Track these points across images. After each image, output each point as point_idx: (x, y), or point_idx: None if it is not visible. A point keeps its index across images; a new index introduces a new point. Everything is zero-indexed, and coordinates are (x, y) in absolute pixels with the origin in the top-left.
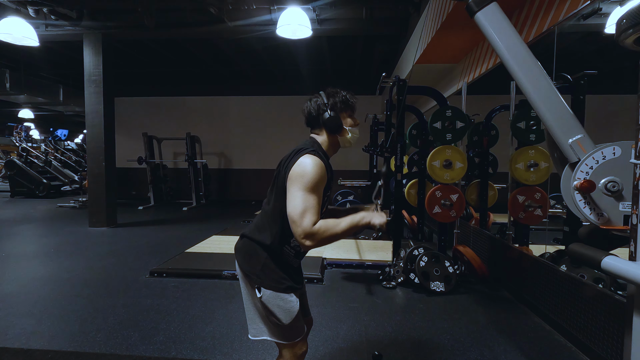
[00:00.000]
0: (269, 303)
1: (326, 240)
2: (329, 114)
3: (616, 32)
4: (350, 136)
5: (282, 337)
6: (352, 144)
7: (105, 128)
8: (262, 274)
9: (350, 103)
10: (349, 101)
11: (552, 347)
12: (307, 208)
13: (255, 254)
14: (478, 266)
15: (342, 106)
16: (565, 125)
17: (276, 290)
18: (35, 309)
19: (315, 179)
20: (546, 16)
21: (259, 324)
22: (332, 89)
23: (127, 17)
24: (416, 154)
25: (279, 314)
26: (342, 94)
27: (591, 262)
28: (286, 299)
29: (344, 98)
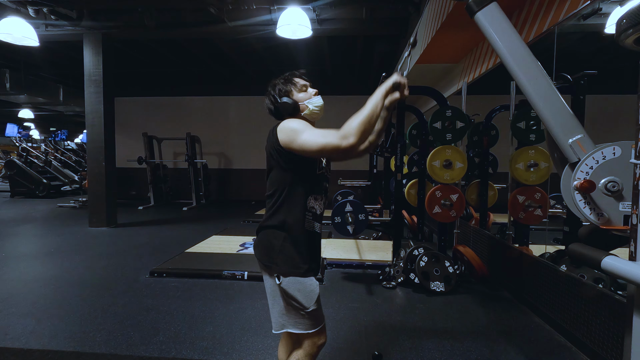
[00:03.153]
0: (289, 289)
1: (362, 128)
2: (280, 101)
3: (616, 32)
4: (311, 108)
5: (304, 325)
6: (320, 112)
7: (105, 128)
8: (279, 261)
9: (291, 80)
10: (289, 79)
11: (552, 347)
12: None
13: (271, 242)
14: (478, 266)
15: (285, 88)
16: (565, 125)
17: (295, 275)
18: (35, 309)
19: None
20: (546, 16)
21: (282, 316)
22: (273, 80)
23: (127, 17)
24: (416, 154)
25: (301, 299)
26: (281, 77)
27: (591, 262)
28: (305, 283)
29: (283, 80)
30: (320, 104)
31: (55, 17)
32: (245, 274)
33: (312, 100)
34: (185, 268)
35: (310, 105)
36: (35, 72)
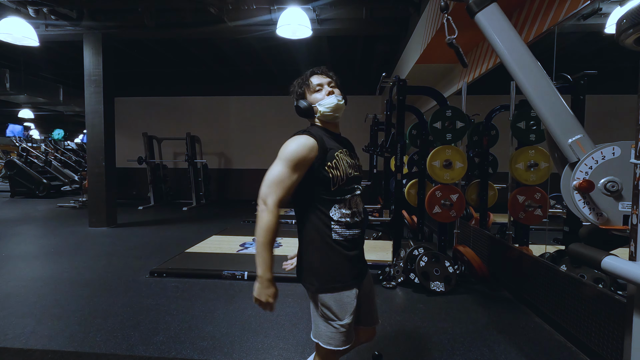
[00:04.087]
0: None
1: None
2: (296, 105)
3: (616, 32)
4: (321, 110)
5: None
6: (334, 112)
7: (105, 128)
8: (314, 280)
9: (306, 80)
10: (305, 79)
11: (552, 347)
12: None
13: (304, 259)
14: (478, 266)
15: (301, 90)
16: (565, 125)
17: (331, 292)
18: (35, 309)
19: (290, 152)
20: (546, 16)
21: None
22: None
23: (127, 17)
24: (416, 154)
25: (336, 309)
26: (300, 77)
27: (591, 262)
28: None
29: (300, 81)
30: (331, 105)
31: (55, 17)
32: (245, 274)
33: (323, 102)
34: (185, 268)
35: (320, 107)
36: (35, 72)
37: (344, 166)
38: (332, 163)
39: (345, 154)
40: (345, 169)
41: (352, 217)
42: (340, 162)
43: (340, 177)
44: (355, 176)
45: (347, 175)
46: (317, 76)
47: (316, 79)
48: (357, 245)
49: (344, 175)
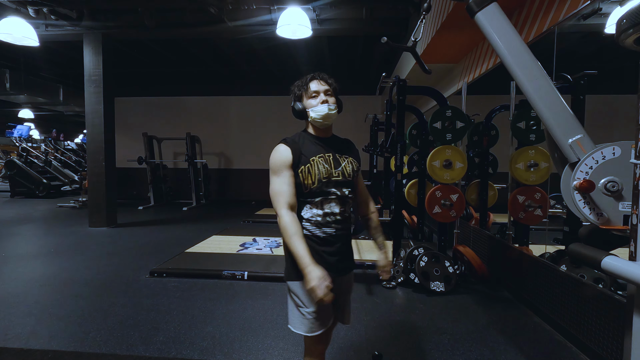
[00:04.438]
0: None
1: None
2: (293, 106)
3: (616, 32)
4: (313, 115)
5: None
6: (323, 120)
7: (105, 128)
8: (285, 268)
9: (305, 84)
10: (304, 83)
11: (552, 347)
12: (275, 193)
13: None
14: (478, 266)
15: (299, 93)
16: (565, 125)
17: (298, 280)
18: (35, 309)
19: (274, 164)
20: (546, 16)
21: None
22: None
23: (127, 17)
24: (416, 154)
25: (302, 297)
26: (300, 80)
27: (591, 262)
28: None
29: (300, 83)
30: (321, 113)
31: (55, 17)
32: (245, 274)
33: (314, 108)
34: (185, 268)
35: (312, 113)
36: (35, 72)
37: (316, 171)
38: (305, 168)
39: (327, 159)
40: (319, 174)
41: (324, 217)
42: (314, 168)
43: (311, 182)
44: (333, 180)
45: (319, 180)
46: (316, 82)
47: (314, 85)
48: (328, 243)
49: (315, 180)
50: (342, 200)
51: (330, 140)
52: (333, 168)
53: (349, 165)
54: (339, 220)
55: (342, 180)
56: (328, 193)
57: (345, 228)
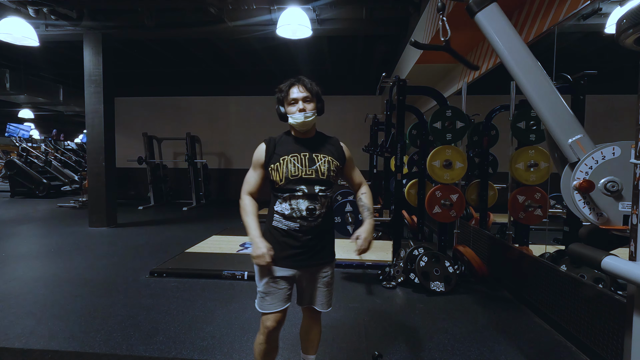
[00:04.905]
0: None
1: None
2: (277, 108)
3: (616, 32)
4: (291, 121)
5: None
6: (299, 127)
7: (105, 128)
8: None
9: (288, 90)
10: (286, 88)
11: (552, 347)
12: (245, 181)
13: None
14: (478, 266)
15: (280, 96)
16: (565, 125)
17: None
18: (35, 309)
19: (254, 157)
20: (546, 16)
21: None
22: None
23: (127, 17)
24: (416, 154)
25: (256, 274)
26: (283, 84)
27: (591, 262)
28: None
29: (280, 89)
30: (298, 121)
31: (55, 17)
32: (245, 274)
33: (292, 115)
34: (185, 268)
35: (290, 119)
36: (35, 72)
37: (284, 170)
38: (274, 166)
39: (301, 158)
40: (286, 172)
41: (291, 212)
42: (282, 166)
43: (279, 179)
44: (304, 178)
45: (286, 178)
46: (295, 88)
47: (294, 92)
48: (291, 236)
49: (283, 178)
50: (312, 198)
51: (309, 140)
52: (306, 167)
53: (325, 165)
54: (304, 217)
55: (314, 179)
56: (295, 190)
57: (314, 224)
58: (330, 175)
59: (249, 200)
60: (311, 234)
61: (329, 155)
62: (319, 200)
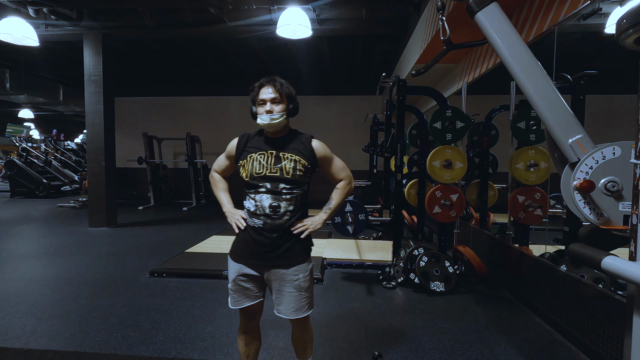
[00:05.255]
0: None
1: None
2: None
3: (616, 32)
4: (259, 121)
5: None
6: (266, 128)
7: (105, 128)
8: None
9: (257, 91)
10: (256, 89)
11: (552, 347)
12: (215, 161)
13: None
14: (478, 266)
15: (252, 95)
16: (565, 125)
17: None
18: (35, 309)
19: (226, 149)
20: (546, 16)
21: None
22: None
23: (127, 17)
24: (416, 154)
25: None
26: (255, 84)
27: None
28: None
29: (252, 88)
30: (264, 122)
31: (55, 17)
32: None
33: (260, 117)
34: (185, 268)
35: (258, 119)
36: (35, 72)
37: (249, 167)
38: (242, 162)
39: (267, 156)
40: (252, 169)
41: (255, 209)
42: (249, 163)
43: (245, 175)
44: (269, 176)
45: (251, 175)
46: (265, 90)
47: (263, 93)
48: (257, 233)
49: (249, 174)
50: (275, 195)
51: (279, 139)
52: (271, 165)
53: (290, 164)
54: (267, 214)
55: (279, 177)
56: (259, 187)
57: (278, 222)
58: (296, 174)
59: (218, 176)
60: (276, 232)
61: (296, 154)
62: (283, 198)
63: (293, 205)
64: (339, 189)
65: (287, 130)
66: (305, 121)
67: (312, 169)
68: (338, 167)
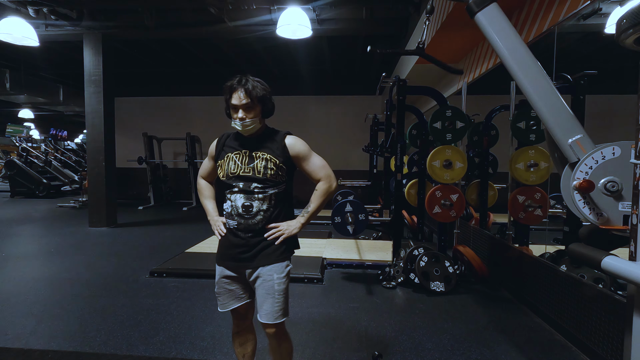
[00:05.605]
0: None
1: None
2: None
3: (616, 32)
4: (233, 125)
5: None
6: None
7: (105, 128)
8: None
9: (230, 94)
10: (229, 92)
11: (552, 347)
12: (200, 167)
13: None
14: (478, 266)
15: (225, 97)
16: (565, 125)
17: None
18: (35, 309)
19: (208, 151)
20: (546, 16)
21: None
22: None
23: (127, 17)
24: (416, 154)
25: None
26: (227, 84)
27: (591, 262)
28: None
29: (224, 89)
30: (237, 128)
31: (55, 17)
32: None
33: (233, 121)
34: (185, 268)
35: (232, 123)
36: (35, 72)
37: (226, 167)
38: (220, 162)
39: (242, 155)
40: (227, 169)
41: (231, 209)
42: (225, 163)
43: (222, 175)
44: (242, 176)
45: (227, 175)
46: (236, 95)
47: (234, 99)
48: (233, 234)
49: (225, 174)
50: (248, 194)
51: (253, 139)
52: (245, 165)
53: (262, 163)
54: (240, 214)
55: (251, 176)
56: (234, 187)
57: (251, 222)
58: (269, 173)
59: (205, 183)
60: (250, 232)
61: (269, 153)
62: (255, 197)
63: (267, 205)
64: (317, 191)
65: (263, 129)
66: (305, 121)
67: (287, 168)
68: (316, 165)
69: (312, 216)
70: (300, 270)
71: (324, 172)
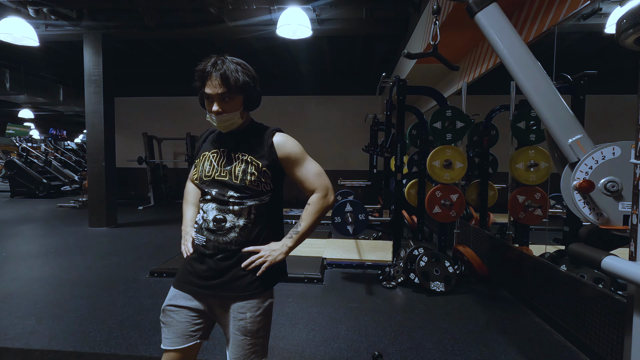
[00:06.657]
0: None
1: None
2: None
3: (616, 32)
4: (207, 118)
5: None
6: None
7: (105, 128)
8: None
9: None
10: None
11: (552, 347)
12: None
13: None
14: (478, 266)
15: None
16: (565, 125)
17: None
18: (35, 309)
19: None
20: (546, 16)
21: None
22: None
23: (127, 17)
24: (416, 154)
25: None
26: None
27: (591, 262)
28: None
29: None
30: (213, 123)
31: (55, 17)
32: None
33: (208, 114)
34: None
35: (207, 116)
36: (35, 72)
37: (200, 168)
38: (196, 161)
39: (219, 155)
40: (202, 171)
41: (202, 222)
42: (199, 164)
43: (196, 177)
44: (217, 180)
45: (200, 178)
46: (210, 82)
47: (208, 87)
48: (199, 253)
49: (199, 176)
50: (222, 205)
51: (235, 135)
52: (222, 167)
53: (241, 165)
54: (210, 229)
55: (227, 182)
56: (207, 194)
57: (223, 240)
58: (248, 179)
59: (192, 187)
60: (221, 252)
61: (250, 154)
62: (230, 209)
63: (244, 220)
64: (310, 205)
65: (247, 124)
66: (305, 121)
67: (273, 173)
68: (311, 171)
69: (303, 238)
70: (300, 270)
71: (320, 182)
